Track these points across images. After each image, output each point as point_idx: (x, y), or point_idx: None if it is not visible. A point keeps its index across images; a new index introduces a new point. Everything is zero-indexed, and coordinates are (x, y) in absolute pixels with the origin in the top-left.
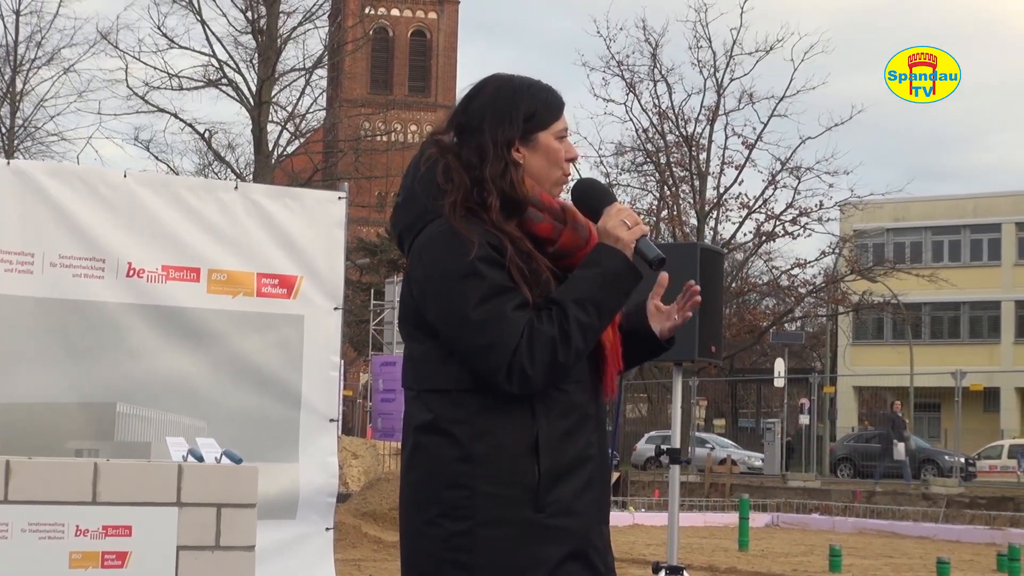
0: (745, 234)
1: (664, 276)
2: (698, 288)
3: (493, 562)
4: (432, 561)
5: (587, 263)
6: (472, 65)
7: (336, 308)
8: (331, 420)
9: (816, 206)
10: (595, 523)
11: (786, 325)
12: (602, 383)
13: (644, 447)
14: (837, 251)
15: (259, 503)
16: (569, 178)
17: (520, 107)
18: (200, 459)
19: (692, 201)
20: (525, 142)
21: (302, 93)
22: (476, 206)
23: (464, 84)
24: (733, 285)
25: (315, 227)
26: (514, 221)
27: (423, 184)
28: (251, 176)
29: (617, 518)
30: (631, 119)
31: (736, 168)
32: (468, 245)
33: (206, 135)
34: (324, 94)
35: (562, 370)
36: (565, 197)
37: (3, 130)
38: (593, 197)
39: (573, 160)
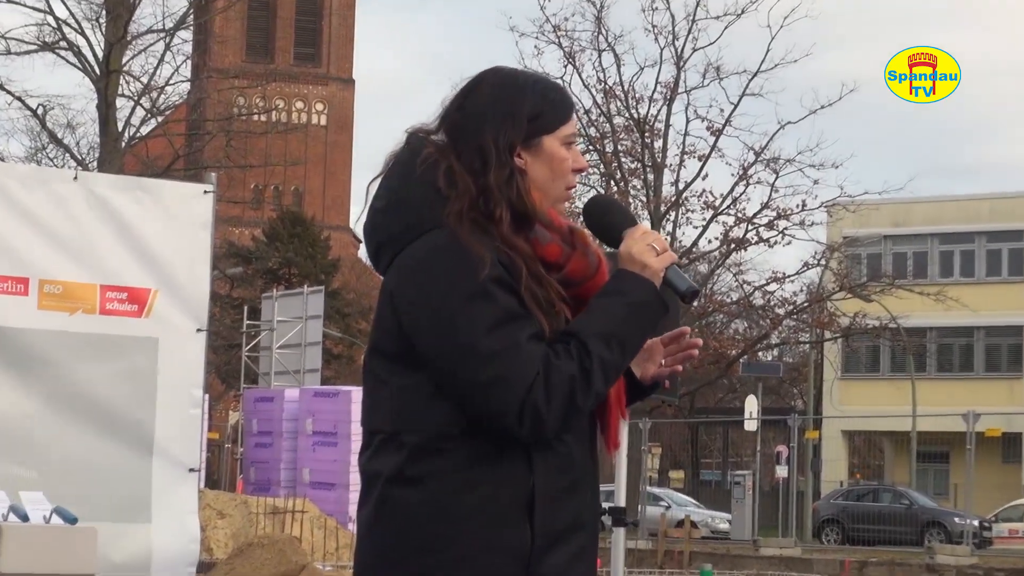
0: (710, 240)
1: None
2: (698, 342)
3: None
4: None
5: (610, 291)
6: (373, 27)
7: (199, 330)
8: (191, 470)
9: (798, 207)
10: None
11: (760, 354)
12: (602, 436)
13: None
14: (823, 263)
15: (101, 574)
16: (572, 194)
17: (524, 106)
18: (24, 518)
19: (645, 199)
20: (528, 146)
21: (160, 60)
22: (482, 218)
23: (361, 50)
24: (695, 304)
25: (174, 228)
26: (522, 237)
27: (420, 187)
28: (95, 163)
29: None
30: None
31: (699, 159)
32: (478, 262)
33: (39, 111)
34: (188, 62)
35: (577, 415)
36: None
37: None
38: (612, 218)
39: (581, 171)
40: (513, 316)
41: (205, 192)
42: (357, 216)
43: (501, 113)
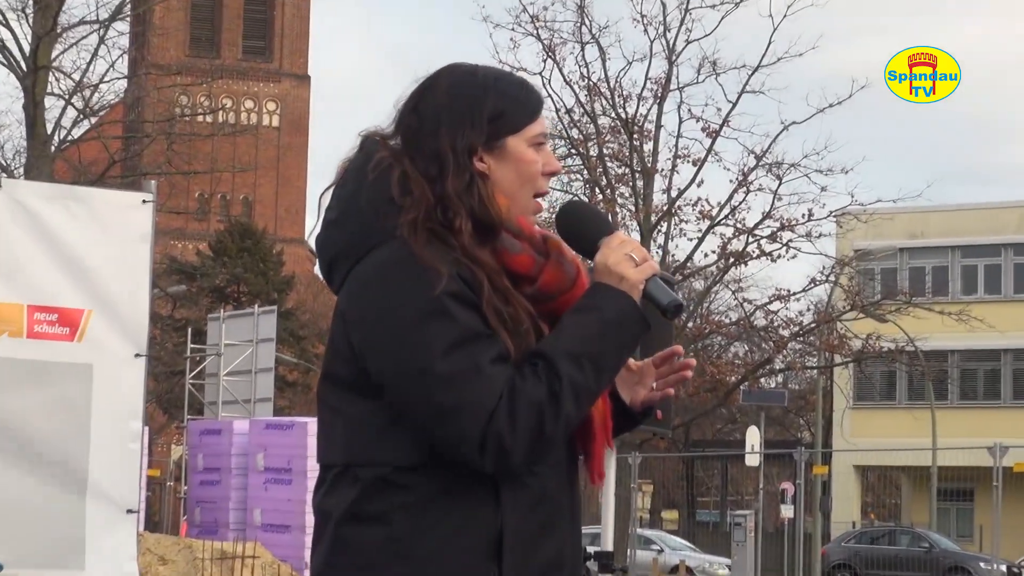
0: (706, 254)
1: None
2: (692, 362)
3: None
4: None
5: (582, 307)
6: (331, 18)
7: (138, 355)
8: (129, 511)
9: (803, 216)
10: None
11: (762, 380)
12: (586, 467)
13: None
14: (832, 279)
15: None
16: (543, 204)
17: (484, 104)
18: None
19: (633, 208)
20: (490, 149)
21: (94, 55)
22: (441, 228)
23: (318, 44)
24: (690, 325)
25: (110, 241)
26: (487, 249)
27: (372, 196)
28: (21, 169)
29: None
30: (550, 95)
31: (694, 163)
32: (434, 276)
33: None
34: (125, 57)
35: (546, 444)
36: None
37: None
38: (586, 225)
39: (554, 175)
40: (473, 335)
41: (144, 201)
42: (312, 228)
43: (458, 113)
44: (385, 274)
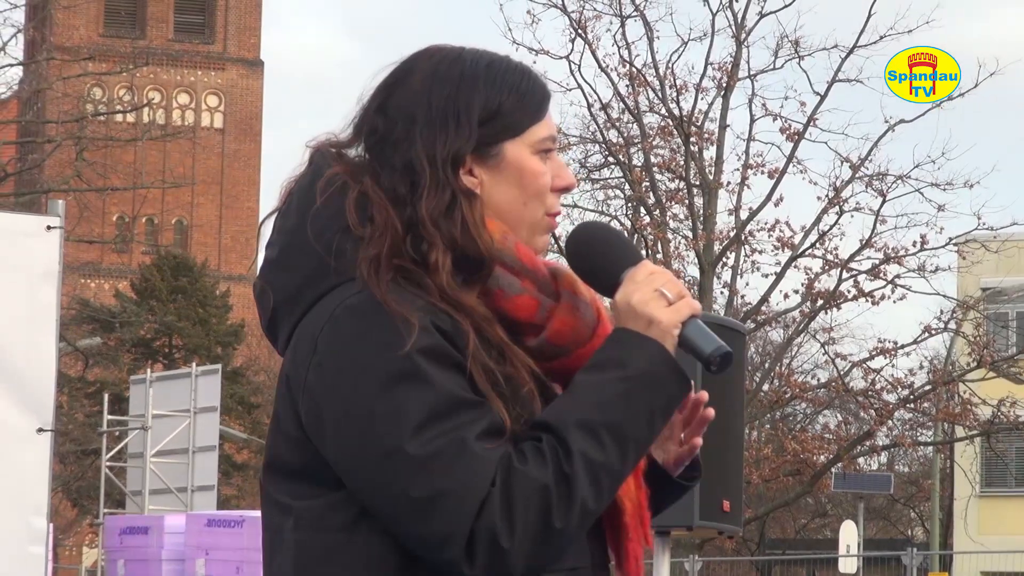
0: (787, 295)
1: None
2: (705, 396)
3: None
4: None
5: (600, 362)
6: None
7: (41, 430)
8: None
9: (915, 245)
10: None
11: (861, 461)
12: (618, 573)
13: None
14: (953, 326)
15: None
16: (557, 221)
17: (474, 99)
18: None
19: (690, 235)
20: (482, 158)
21: None
22: (413, 265)
23: (273, 20)
24: (766, 388)
25: (3, 280)
26: (475, 291)
27: (322, 226)
28: None
29: None
30: (579, 86)
31: (771, 175)
32: (403, 329)
33: None
34: (20, 37)
35: (557, 544)
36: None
37: None
38: (604, 253)
39: (566, 190)
40: (456, 404)
41: (48, 227)
42: (254, 263)
43: (438, 112)
44: (339, 328)
